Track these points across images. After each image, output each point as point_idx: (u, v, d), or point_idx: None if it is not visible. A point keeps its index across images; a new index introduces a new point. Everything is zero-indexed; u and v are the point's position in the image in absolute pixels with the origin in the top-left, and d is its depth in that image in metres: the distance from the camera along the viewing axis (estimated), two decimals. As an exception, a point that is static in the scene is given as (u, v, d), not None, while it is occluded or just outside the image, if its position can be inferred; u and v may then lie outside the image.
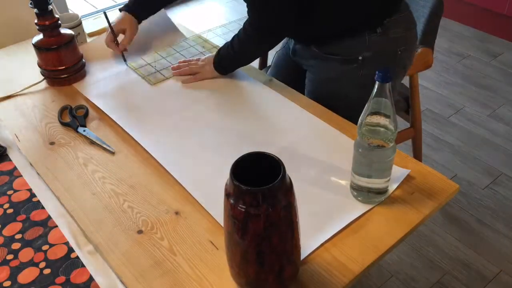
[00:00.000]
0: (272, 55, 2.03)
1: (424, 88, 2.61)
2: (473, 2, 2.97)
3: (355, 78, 1.27)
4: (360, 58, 1.24)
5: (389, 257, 1.76)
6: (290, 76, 1.46)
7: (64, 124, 1.19)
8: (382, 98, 0.83)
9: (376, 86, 0.82)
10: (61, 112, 1.23)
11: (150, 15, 1.43)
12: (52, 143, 1.14)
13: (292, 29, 1.23)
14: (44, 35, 1.28)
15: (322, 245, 0.87)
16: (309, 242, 0.87)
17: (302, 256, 0.83)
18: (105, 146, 1.11)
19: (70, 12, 1.64)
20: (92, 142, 1.13)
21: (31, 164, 1.08)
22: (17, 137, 1.16)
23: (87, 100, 1.27)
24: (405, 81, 1.65)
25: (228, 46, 1.28)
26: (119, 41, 1.38)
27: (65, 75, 1.31)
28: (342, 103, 1.26)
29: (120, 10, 1.41)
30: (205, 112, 1.21)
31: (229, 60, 1.29)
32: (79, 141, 1.14)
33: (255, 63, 1.94)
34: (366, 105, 0.85)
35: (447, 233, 1.86)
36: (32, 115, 1.23)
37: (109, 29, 1.36)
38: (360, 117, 0.86)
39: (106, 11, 1.44)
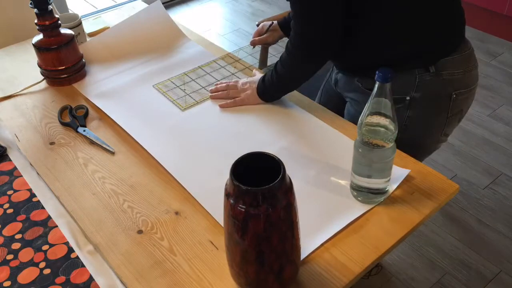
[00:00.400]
0: (272, 55, 2.02)
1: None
2: (473, 2, 2.97)
3: (399, 120, 1.14)
4: (407, 98, 1.10)
5: (389, 257, 1.76)
6: (332, 103, 1.36)
7: (64, 124, 1.19)
8: (382, 98, 0.83)
9: (376, 86, 0.82)
10: (61, 112, 1.23)
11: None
12: (52, 143, 1.14)
13: (337, 47, 1.08)
14: (44, 35, 1.28)
15: (322, 245, 0.87)
16: (309, 242, 0.87)
17: (302, 256, 0.83)
18: (105, 146, 1.11)
19: (70, 12, 1.64)
20: (92, 142, 1.13)
21: (31, 164, 1.08)
22: (17, 137, 1.16)
23: (87, 100, 1.27)
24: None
25: (272, 71, 1.17)
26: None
27: (65, 75, 1.31)
28: None
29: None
30: (205, 112, 1.21)
31: (273, 86, 1.18)
32: (79, 141, 1.14)
33: (255, 63, 1.93)
34: (366, 105, 0.85)
35: (447, 233, 1.86)
36: (32, 115, 1.23)
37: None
38: (360, 117, 0.86)
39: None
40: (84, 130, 1.15)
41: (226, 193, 0.70)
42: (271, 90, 1.19)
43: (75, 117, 1.20)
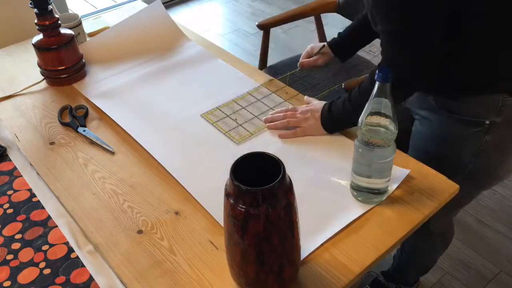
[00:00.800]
0: (272, 55, 2.02)
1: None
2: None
3: (476, 144, 1.07)
4: (487, 122, 1.04)
5: (390, 257, 1.76)
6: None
7: (64, 124, 1.19)
8: (382, 98, 0.83)
9: (376, 86, 0.82)
10: (61, 112, 1.23)
11: (349, 56, 1.39)
12: (52, 143, 1.14)
13: (429, 81, 1.01)
14: (44, 35, 1.28)
15: (322, 245, 0.87)
16: (309, 242, 0.87)
17: (302, 256, 0.83)
18: (105, 146, 1.11)
19: (70, 12, 1.64)
20: (92, 142, 1.13)
21: (31, 164, 1.08)
22: (17, 137, 1.16)
23: (87, 100, 1.27)
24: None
25: (344, 101, 1.06)
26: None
27: (65, 75, 1.31)
28: (448, 166, 1.06)
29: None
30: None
31: (345, 117, 1.07)
32: (79, 141, 1.14)
33: (255, 63, 1.93)
34: (366, 105, 0.85)
35: (447, 233, 1.86)
36: (32, 115, 1.23)
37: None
38: (361, 117, 0.86)
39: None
40: (84, 130, 1.15)
41: (226, 193, 0.70)
42: (340, 122, 1.09)
43: (75, 117, 1.20)
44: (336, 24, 3.25)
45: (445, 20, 0.94)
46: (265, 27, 1.90)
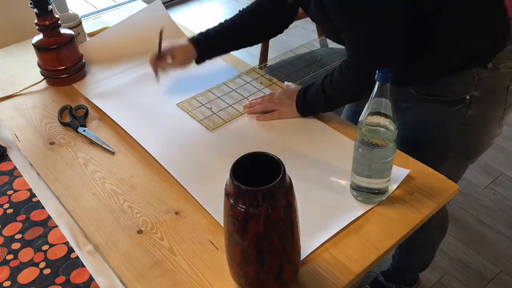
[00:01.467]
0: (272, 55, 2.03)
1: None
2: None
3: (460, 120, 1.11)
4: (467, 97, 1.08)
5: (389, 257, 1.76)
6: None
7: (64, 124, 1.19)
8: (382, 98, 0.83)
9: (376, 86, 0.82)
10: (61, 112, 1.23)
11: (213, 56, 1.30)
12: (52, 143, 1.14)
13: (400, 69, 1.01)
14: (44, 35, 1.28)
15: (322, 245, 0.87)
16: (309, 242, 0.87)
17: (302, 256, 0.83)
18: (105, 146, 1.11)
19: (70, 12, 1.64)
20: (92, 142, 1.13)
21: (31, 164, 1.08)
22: (17, 137, 1.16)
23: (87, 100, 1.27)
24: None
25: (317, 89, 1.11)
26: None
27: (65, 75, 1.31)
28: (439, 148, 1.15)
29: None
30: (205, 112, 1.21)
31: (317, 104, 1.13)
32: (79, 141, 1.14)
33: (255, 63, 1.94)
34: (366, 105, 0.85)
35: (447, 233, 1.86)
36: (32, 115, 1.23)
37: (157, 46, 1.22)
38: (360, 117, 0.86)
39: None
40: (84, 130, 1.15)
41: (226, 193, 0.70)
42: (313, 107, 1.15)
43: (75, 117, 1.20)
44: (336, 24, 3.25)
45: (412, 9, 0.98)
46: (265, 27, 1.89)
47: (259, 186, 0.66)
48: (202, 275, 0.84)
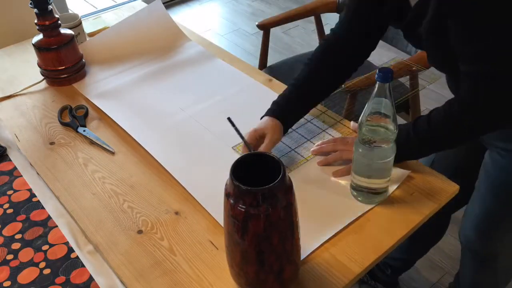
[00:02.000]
0: (272, 55, 2.02)
1: (424, 88, 2.61)
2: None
3: None
4: None
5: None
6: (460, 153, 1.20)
7: (64, 124, 1.18)
8: (382, 98, 0.83)
9: (376, 86, 0.82)
10: (61, 112, 1.23)
11: (296, 120, 1.09)
12: (52, 143, 1.14)
13: None
14: (44, 35, 1.28)
15: (322, 245, 0.87)
16: (309, 242, 0.87)
17: (302, 256, 0.83)
18: (105, 146, 1.11)
19: (70, 12, 1.64)
20: (92, 142, 1.13)
21: (31, 164, 1.08)
22: (17, 137, 1.16)
23: (87, 100, 1.27)
24: (405, 81, 1.65)
25: (408, 133, 0.94)
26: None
27: (65, 75, 1.31)
28: None
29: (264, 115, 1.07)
30: (205, 112, 1.21)
31: (415, 149, 0.96)
32: (79, 141, 1.14)
33: (255, 63, 1.93)
34: (366, 105, 0.85)
35: (447, 233, 1.86)
36: (32, 115, 1.23)
37: (242, 140, 0.94)
38: (361, 117, 0.86)
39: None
40: (84, 130, 1.15)
41: (226, 193, 0.70)
42: (409, 152, 0.97)
43: (75, 117, 1.20)
44: (336, 24, 3.25)
45: None
46: (265, 27, 1.90)
47: (259, 186, 0.66)
48: (202, 275, 0.84)
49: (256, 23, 1.89)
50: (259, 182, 0.67)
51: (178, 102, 1.24)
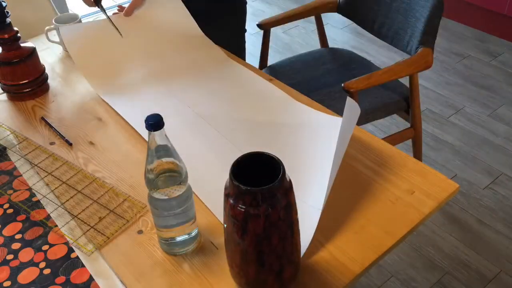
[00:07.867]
0: (272, 55, 2.02)
1: (424, 88, 2.61)
2: (473, 2, 2.97)
3: None
4: None
5: (389, 257, 1.76)
6: None
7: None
8: (159, 145, 0.76)
9: (149, 137, 0.75)
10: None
11: None
12: (52, 143, 1.14)
13: None
14: (3, 49, 1.22)
15: (322, 245, 0.87)
16: (309, 241, 0.86)
17: (303, 251, 0.83)
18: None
19: (70, 12, 1.64)
20: (92, 142, 1.13)
21: (31, 164, 1.08)
22: (17, 137, 1.16)
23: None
24: (405, 81, 1.65)
25: None
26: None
27: (28, 89, 1.26)
28: None
29: None
30: (205, 112, 1.21)
31: None
32: (79, 141, 1.14)
33: (255, 63, 1.93)
34: (146, 161, 0.77)
35: (447, 233, 1.86)
36: (32, 114, 1.23)
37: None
38: (148, 176, 0.78)
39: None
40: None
41: (226, 193, 0.70)
42: None
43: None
44: (336, 24, 3.25)
45: None
46: (265, 27, 1.90)
47: (259, 186, 0.66)
48: (202, 275, 0.84)
49: (256, 23, 1.89)
50: (259, 182, 0.67)
51: (182, 100, 1.24)
